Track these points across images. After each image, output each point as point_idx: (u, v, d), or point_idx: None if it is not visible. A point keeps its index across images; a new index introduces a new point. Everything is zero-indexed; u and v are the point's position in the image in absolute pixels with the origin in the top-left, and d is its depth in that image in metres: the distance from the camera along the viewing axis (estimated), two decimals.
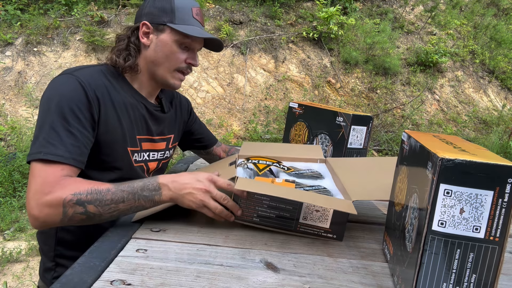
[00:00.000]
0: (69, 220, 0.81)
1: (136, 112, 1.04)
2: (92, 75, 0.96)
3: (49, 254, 1.04)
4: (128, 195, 0.82)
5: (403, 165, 0.75)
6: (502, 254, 0.53)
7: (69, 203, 0.80)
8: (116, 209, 0.82)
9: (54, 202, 0.80)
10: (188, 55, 1.05)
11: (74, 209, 0.80)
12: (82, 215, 0.81)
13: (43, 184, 0.82)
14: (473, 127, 5.54)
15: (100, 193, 0.81)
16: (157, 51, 1.02)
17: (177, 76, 1.06)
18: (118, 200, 0.82)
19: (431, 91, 5.75)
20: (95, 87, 0.93)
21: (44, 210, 0.81)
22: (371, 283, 0.71)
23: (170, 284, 0.65)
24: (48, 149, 0.84)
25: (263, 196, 0.85)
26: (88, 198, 0.81)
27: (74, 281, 0.63)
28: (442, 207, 0.53)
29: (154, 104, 1.12)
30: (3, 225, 2.86)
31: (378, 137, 4.86)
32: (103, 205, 0.81)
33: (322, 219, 0.86)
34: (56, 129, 0.86)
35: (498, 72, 6.21)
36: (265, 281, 0.68)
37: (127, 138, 1.01)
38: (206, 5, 5.52)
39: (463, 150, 0.58)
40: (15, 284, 2.27)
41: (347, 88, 5.39)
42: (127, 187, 0.83)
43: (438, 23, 6.45)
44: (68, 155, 0.85)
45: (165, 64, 1.03)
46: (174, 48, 1.02)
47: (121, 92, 1.01)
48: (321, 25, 5.41)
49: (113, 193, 0.82)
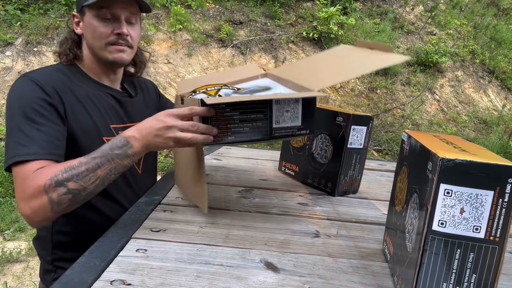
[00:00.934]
0: (58, 204, 0.81)
1: (103, 102, 1.04)
2: (47, 73, 0.97)
3: (47, 258, 1.05)
4: (101, 160, 0.81)
5: (403, 165, 0.75)
6: (502, 254, 0.53)
7: (50, 187, 0.80)
8: (97, 177, 0.82)
9: (35, 192, 0.80)
10: (114, 25, 1.01)
11: (57, 191, 0.80)
12: (66, 195, 0.81)
13: (23, 183, 0.83)
14: (473, 127, 5.54)
15: (74, 168, 0.81)
16: (87, 35, 1.03)
17: (112, 49, 1.02)
18: (94, 167, 0.81)
19: (431, 91, 5.75)
20: (51, 83, 0.94)
21: (31, 204, 0.81)
22: (371, 283, 0.71)
23: (170, 284, 0.65)
24: (20, 151, 0.85)
25: (233, 106, 0.80)
26: (64, 176, 0.80)
27: (74, 281, 0.63)
28: (442, 207, 0.53)
29: (119, 91, 1.12)
30: (3, 225, 2.86)
31: (378, 137, 4.86)
32: (81, 178, 0.81)
33: (293, 118, 0.86)
34: (24, 131, 0.87)
35: (498, 72, 6.22)
36: (265, 281, 0.68)
37: (100, 128, 1.01)
38: (206, 5, 5.52)
39: (463, 150, 0.58)
40: (15, 284, 2.27)
41: (347, 88, 5.39)
42: (97, 153, 0.82)
43: (438, 23, 6.45)
44: (42, 151, 0.86)
45: (95, 43, 1.02)
46: (95, 24, 1.00)
47: (82, 85, 1.02)
48: (321, 25, 5.41)
49: (86, 163, 0.81)
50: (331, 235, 0.91)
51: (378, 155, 4.71)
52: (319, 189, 1.23)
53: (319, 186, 1.23)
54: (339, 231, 0.94)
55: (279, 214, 1.01)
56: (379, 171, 1.56)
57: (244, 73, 1.14)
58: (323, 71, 0.98)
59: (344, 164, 1.16)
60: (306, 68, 1.06)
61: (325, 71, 0.96)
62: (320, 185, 1.23)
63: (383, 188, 1.32)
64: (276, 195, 1.15)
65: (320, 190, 1.22)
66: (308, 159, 1.26)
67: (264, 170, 1.41)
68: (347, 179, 1.19)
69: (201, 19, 5.34)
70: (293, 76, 0.99)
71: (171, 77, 4.70)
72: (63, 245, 1.03)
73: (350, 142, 1.15)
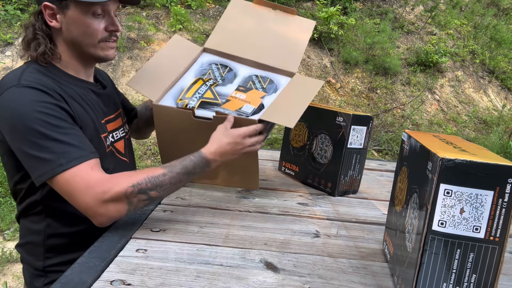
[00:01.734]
0: (135, 207, 0.85)
1: (89, 99, 1.00)
2: (35, 77, 0.88)
3: (37, 264, 0.99)
4: (183, 176, 0.89)
5: (403, 165, 0.75)
6: (502, 254, 0.53)
7: (132, 194, 0.83)
8: (174, 188, 0.89)
9: (116, 198, 0.82)
10: (106, 21, 0.95)
11: (138, 197, 0.84)
12: (146, 201, 0.86)
13: (91, 187, 0.82)
14: (473, 127, 5.54)
15: (157, 179, 0.85)
16: (71, 31, 0.93)
17: (105, 46, 0.97)
18: (176, 181, 0.88)
19: (431, 91, 5.75)
20: (48, 85, 0.88)
21: (109, 207, 0.82)
22: (371, 283, 0.71)
23: (170, 284, 0.65)
24: (63, 159, 0.81)
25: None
26: (148, 186, 0.84)
27: (74, 281, 0.63)
28: (442, 207, 0.53)
29: (94, 83, 1.06)
30: (3, 225, 2.86)
31: (378, 137, 4.85)
32: (164, 189, 0.87)
33: None
34: (54, 138, 0.82)
35: (498, 72, 6.22)
36: (265, 281, 0.68)
37: (97, 126, 0.99)
38: (206, 5, 5.52)
39: (463, 150, 0.58)
40: (15, 284, 2.27)
41: (347, 88, 5.39)
42: (181, 169, 0.89)
43: (438, 23, 6.45)
44: (84, 152, 0.84)
45: (85, 41, 0.94)
46: (86, 21, 0.92)
47: (67, 84, 0.94)
48: (321, 25, 5.41)
49: (170, 177, 0.87)
50: (331, 235, 0.91)
51: (378, 155, 4.71)
52: (319, 189, 1.23)
53: (319, 186, 1.23)
54: (339, 231, 0.94)
55: (279, 214, 1.01)
56: (379, 171, 1.56)
57: (185, 54, 1.20)
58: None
59: (344, 164, 1.16)
60: (250, 42, 1.24)
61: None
62: (320, 185, 1.23)
63: (383, 188, 1.32)
64: (276, 195, 1.15)
65: (320, 190, 1.22)
66: (308, 159, 1.26)
67: (264, 170, 1.41)
68: (347, 179, 1.19)
69: (201, 19, 5.35)
70: (244, 52, 1.20)
71: None
72: (57, 248, 0.98)
73: (350, 142, 1.15)
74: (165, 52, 1.18)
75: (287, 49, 1.23)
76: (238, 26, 1.26)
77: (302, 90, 1.11)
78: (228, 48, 1.22)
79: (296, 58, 1.22)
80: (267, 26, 1.27)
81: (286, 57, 1.21)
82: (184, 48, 1.22)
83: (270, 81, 1.17)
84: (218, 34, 1.24)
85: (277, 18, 1.28)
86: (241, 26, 1.26)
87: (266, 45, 1.23)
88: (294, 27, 1.27)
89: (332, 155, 1.19)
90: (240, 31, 1.26)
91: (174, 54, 1.19)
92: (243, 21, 1.28)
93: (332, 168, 1.18)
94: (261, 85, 1.15)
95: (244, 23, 1.27)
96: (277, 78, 1.18)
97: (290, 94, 1.10)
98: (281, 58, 1.20)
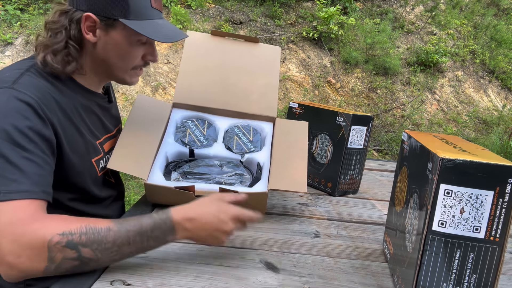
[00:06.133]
0: (56, 267, 0.63)
1: (90, 115, 0.90)
2: (32, 84, 0.75)
3: (19, 286, 0.81)
4: (134, 235, 0.67)
5: (403, 165, 0.75)
6: (502, 254, 0.53)
7: (57, 246, 0.62)
8: (118, 253, 0.66)
9: (34, 244, 0.62)
10: (146, 49, 0.89)
11: (64, 253, 0.62)
12: (74, 260, 0.63)
13: (14, 223, 0.63)
14: (473, 127, 5.53)
15: (98, 233, 0.64)
16: (107, 51, 0.84)
17: (134, 73, 0.92)
18: (122, 242, 0.66)
19: (431, 91, 5.75)
20: (40, 99, 0.74)
21: (23, 254, 0.61)
22: (371, 283, 0.71)
23: (170, 284, 0.65)
24: (8, 187, 0.65)
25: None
26: (82, 239, 0.63)
27: (74, 281, 0.63)
28: (442, 207, 0.53)
29: (102, 95, 0.96)
30: None
31: (378, 137, 4.85)
32: (102, 249, 0.64)
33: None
34: (11, 160, 0.66)
35: (498, 72, 6.21)
36: (265, 281, 0.68)
37: (90, 148, 0.87)
38: (206, 5, 5.52)
39: (463, 150, 0.58)
40: None
41: (347, 88, 5.39)
42: (133, 226, 0.67)
43: (438, 23, 6.45)
44: (35, 188, 0.67)
45: (118, 64, 0.87)
46: (129, 48, 0.85)
47: (68, 92, 0.83)
48: (321, 25, 5.41)
49: (116, 233, 0.65)
50: (331, 235, 0.91)
51: (378, 155, 4.71)
52: (319, 189, 1.23)
53: (319, 186, 1.23)
54: (339, 231, 0.94)
55: (279, 214, 1.01)
56: (379, 171, 1.56)
57: (156, 115, 1.08)
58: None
59: (344, 164, 1.16)
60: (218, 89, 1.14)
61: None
62: (320, 185, 1.23)
63: (383, 188, 1.32)
64: (276, 195, 1.15)
65: (320, 190, 1.22)
66: (308, 159, 1.26)
67: None
68: (347, 179, 1.19)
69: (201, 19, 5.34)
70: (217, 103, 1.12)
71: (171, 77, 4.70)
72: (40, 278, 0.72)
73: (350, 142, 1.15)
74: (134, 118, 1.03)
75: (261, 89, 1.15)
76: (201, 68, 1.14)
77: (293, 140, 1.06)
78: (198, 100, 1.11)
79: (273, 98, 1.14)
80: (233, 64, 1.16)
81: (262, 98, 1.14)
82: (153, 108, 1.09)
83: (254, 131, 1.11)
84: (183, 83, 1.13)
85: (241, 51, 1.18)
86: (204, 68, 1.14)
87: (237, 89, 1.14)
88: (261, 60, 1.18)
89: (332, 155, 1.19)
90: (206, 74, 1.14)
91: (144, 119, 1.05)
92: (206, 60, 1.15)
93: (332, 168, 1.18)
94: (247, 138, 1.09)
95: (207, 63, 1.15)
96: (259, 126, 1.12)
97: (284, 149, 1.03)
98: (257, 102, 1.13)
